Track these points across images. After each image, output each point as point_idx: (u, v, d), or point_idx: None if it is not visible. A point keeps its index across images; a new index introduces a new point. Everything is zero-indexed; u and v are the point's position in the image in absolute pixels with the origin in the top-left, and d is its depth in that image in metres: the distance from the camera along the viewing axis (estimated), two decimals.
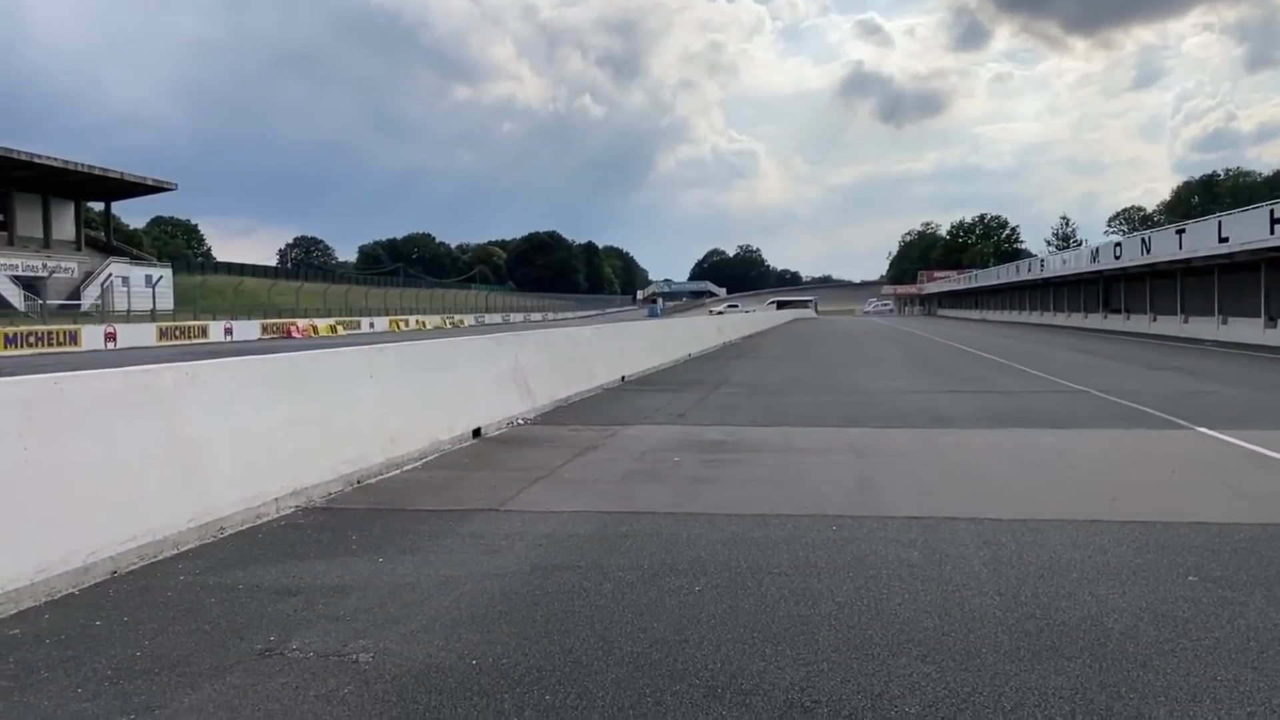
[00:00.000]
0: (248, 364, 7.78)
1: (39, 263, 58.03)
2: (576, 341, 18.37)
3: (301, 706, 3.71)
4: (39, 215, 62.55)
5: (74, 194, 65.08)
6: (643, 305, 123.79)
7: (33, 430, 5.36)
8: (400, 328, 71.93)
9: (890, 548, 6.05)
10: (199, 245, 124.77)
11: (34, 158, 55.90)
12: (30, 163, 55.99)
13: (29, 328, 42.38)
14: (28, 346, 39.92)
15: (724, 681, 3.93)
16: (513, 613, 4.86)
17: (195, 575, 5.57)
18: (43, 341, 41.04)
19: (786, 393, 16.60)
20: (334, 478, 8.00)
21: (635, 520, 6.93)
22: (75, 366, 6.83)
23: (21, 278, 55.45)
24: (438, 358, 11.64)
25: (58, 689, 3.92)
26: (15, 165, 55.81)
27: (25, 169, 56.76)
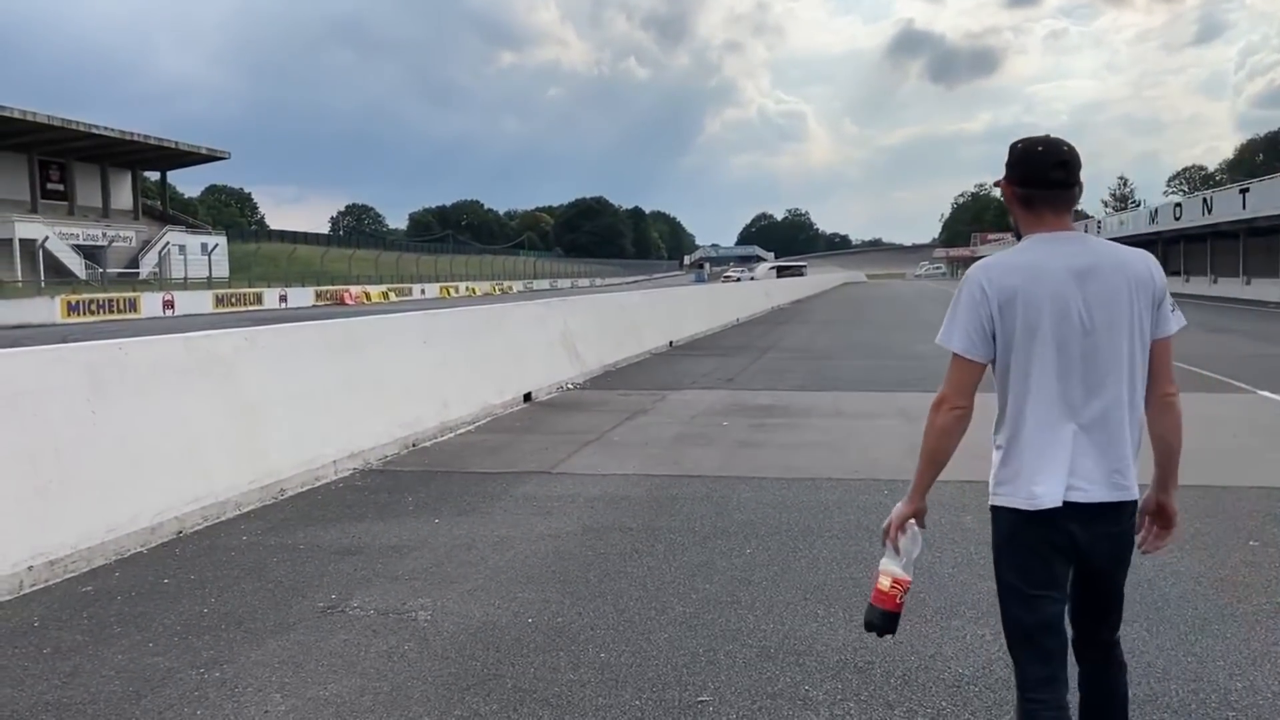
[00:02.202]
0: (305, 329, 7.92)
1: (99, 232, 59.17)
2: (624, 307, 18.41)
3: (364, 662, 3.81)
4: (98, 185, 63.73)
5: (131, 164, 66.16)
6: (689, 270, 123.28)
7: (100, 394, 5.52)
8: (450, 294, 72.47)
9: (943, 511, 6.01)
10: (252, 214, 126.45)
11: (92, 128, 56.86)
12: (89, 134, 56.97)
13: (90, 295, 43.36)
14: (89, 314, 40.86)
15: (776, 642, 3.97)
16: (566, 573, 4.93)
17: (258, 535, 5.72)
18: (103, 309, 41.98)
19: (836, 357, 16.51)
20: (390, 440, 8.14)
21: (685, 483, 6.97)
22: (136, 333, 7.00)
23: (82, 246, 56.60)
24: (489, 323, 11.76)
25: (129, 644, 4.07)
26: (75, 136, 56.83)
27: (84, 140, 57.78)
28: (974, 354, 2.37)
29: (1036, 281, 2.32)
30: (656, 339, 18.17)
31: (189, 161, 69.74)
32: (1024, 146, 2.40)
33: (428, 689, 3.55)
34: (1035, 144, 2.39)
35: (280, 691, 3.54)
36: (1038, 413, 2.36)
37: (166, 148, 63.50)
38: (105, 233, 59.23)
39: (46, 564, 4.85)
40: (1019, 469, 2.40)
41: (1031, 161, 2.37)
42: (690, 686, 3.55)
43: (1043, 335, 2.32)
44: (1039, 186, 2.37)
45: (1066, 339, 2.32)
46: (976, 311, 2.35)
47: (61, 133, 55.53)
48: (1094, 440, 2.37)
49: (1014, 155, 2.41)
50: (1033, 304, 2.31)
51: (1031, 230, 2.41)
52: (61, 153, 59.28)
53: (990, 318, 2.34)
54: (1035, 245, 2.38)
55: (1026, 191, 2.38)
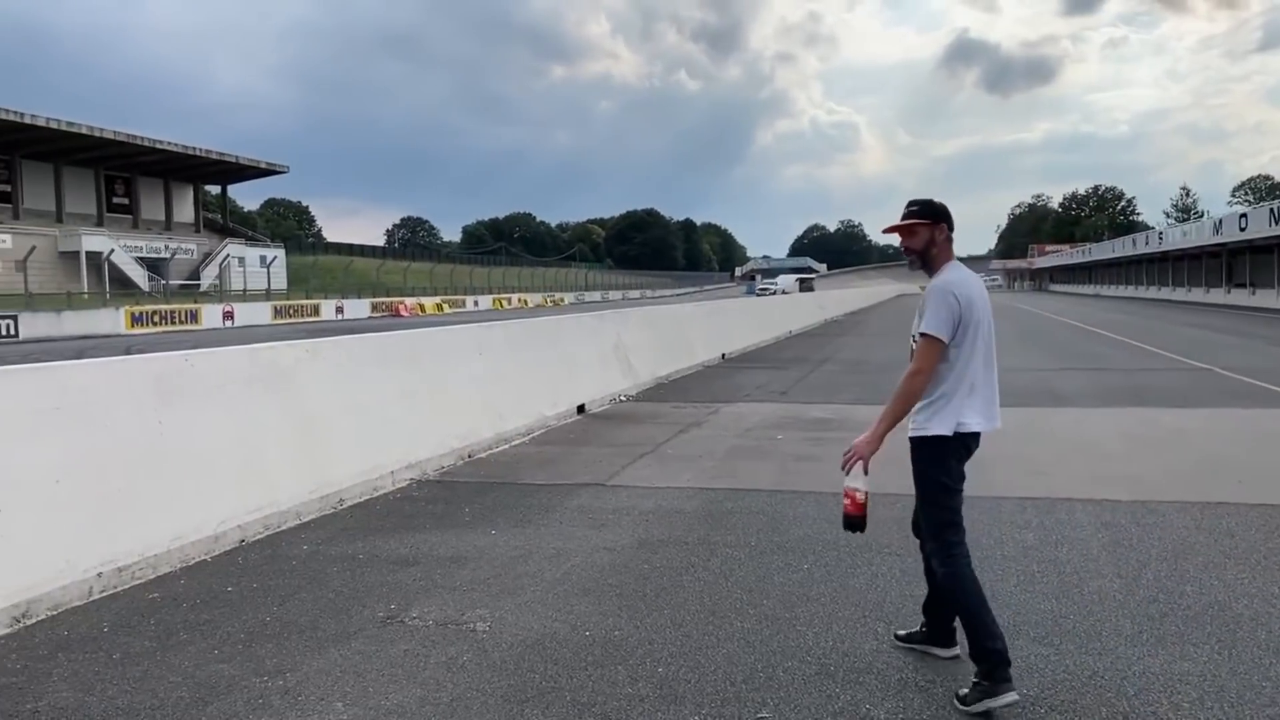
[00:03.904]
0: (364, 341, 8.03)
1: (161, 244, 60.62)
2: (677, 319, 18.40)
3: (423, 672, 3.83)
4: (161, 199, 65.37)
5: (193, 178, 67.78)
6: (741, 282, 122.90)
7: (167, 404, 5.65)
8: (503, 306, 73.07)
9: (1004, 529, 5.93)
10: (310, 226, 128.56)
11: (157, 143, 58.36)
12: (153, 148, 58.50)
13: (153, 306, 44.43)
14: (152, 324, 41.85)
15: (836, 660, 3.92)
16: (622, 586, 4.93)
17: (318, 545, 5.80)
18: (166, 320, 42.98)
19: (892, 370, 16.29)
20: (446, 451, 8.21)
21: (740, 497, 6.94)
22: (197, 344, 7.14)
23: (145, 259, 58.03)
24: (543, 335, 11.82)
25: (196, 650, 4.14)
26: (140, 151, 58.38)
27: (149, 154, 59.33)
28: (947, 339, 3.54)
29: (974, 293, 3.61)
30: (709, 351, 18.13)
31: (248, 175, 71.25)
32: (944, 206, 3.73)
33: (487, 700, 3.57)
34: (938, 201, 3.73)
35: (342, 700, 3.58)
36: (972, 376, 3.60)
37: (227, 162, 64.95)
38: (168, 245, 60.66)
39: (115, 571, 4.96)
40: (959, 409, 3.60)
41: (951, 215, 3.73)
42: (750, 703, 3.52)
43: (975, 328, 3.59)
44: (952, 230, 3.75)
45: (986, 332, 3.64)
46: (953, 312, 3.54)
47: (127, 148, 57.09)
48: (991, 395, 3.70)
49: (945, 210, 3.72)
50: (975, 308, 3.59)
51: (948, 260, 3.71)
52: (127, 167, 60.94)
53: (960, 316, 3.55)
54: (959, 269, 3.69)
55: (951, 234, 3.73)
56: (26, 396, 4.91)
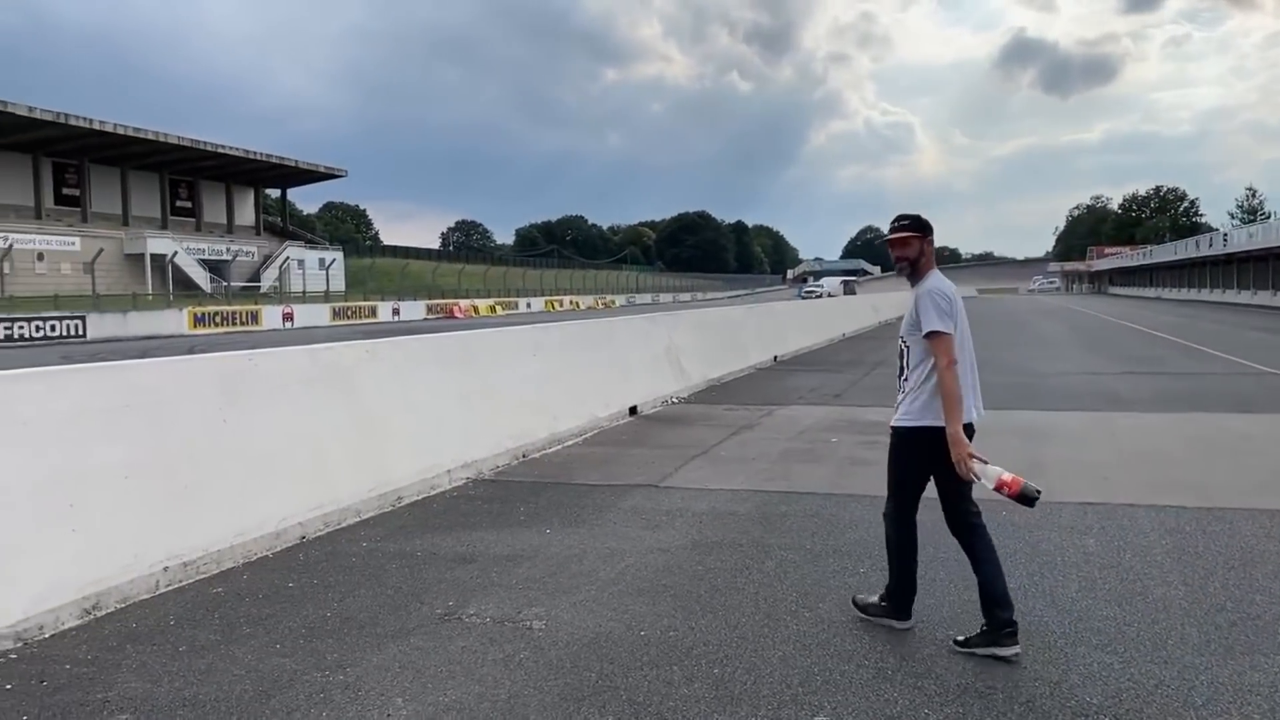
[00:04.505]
0: (421, 342, 8.13)
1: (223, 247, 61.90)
2: (728, 321, 18.36)
3: (481, 669, 3.87)
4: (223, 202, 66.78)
5: (254, 181, 69.13)
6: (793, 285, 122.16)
7: (232, 403, 5.76)
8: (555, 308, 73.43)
9: (1065, 534, 5.83)
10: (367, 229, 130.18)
11: (219, 148, 59.62)
12: (215, 153, 59.79)
13: (215, 308, 45.36)
14: (214, 325, 42.73)
15: (894, 664, 3.89)
16: (677, 587, 4.93)
17: (376, 542, 5.88)
18: (227, 321, 43.85)
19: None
20: (501, 451, 8.28)
21: (794, 500, 6.90)
22: (257, 344, 7.28)
23: (207, 261, 59.30)
24: (596, 337, 11.87)
25: (258, 644, 4.22)
26: (202, 156, 59.70)
27: (211, 159, 60.66)
28: (952, 332, 4.04)
29: (956, 297, 4.15)
30: (761, 353, 18.06)
31: (307, 179, 72.46)
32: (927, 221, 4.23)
33: (544, 699, 3.59)
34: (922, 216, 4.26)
35: (402, 696, 3.63)
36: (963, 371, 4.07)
37: (287, 166, 66.14)
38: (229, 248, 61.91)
39: (180, 565, 5.08)
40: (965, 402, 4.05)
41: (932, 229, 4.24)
42: (807, 706, 3.51)
43: (960, 327, 4.14)
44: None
45: (965, 331, 4.19)
46: (951, 310, 4.08)
47: (190, 152, 58.41)
48: (972, 389, 4.18)
49: (929, 224, 4.23)
50: (958, 310, 4.15)
51: (931, 268, 4.22)
52: (190, 171, 62.35)
53: (952, 313, 4.08)
54: (940, 277, 4.21)
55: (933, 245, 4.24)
56: (97, 394, 5.05)
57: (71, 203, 55.85)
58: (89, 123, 50.96)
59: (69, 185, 56.04)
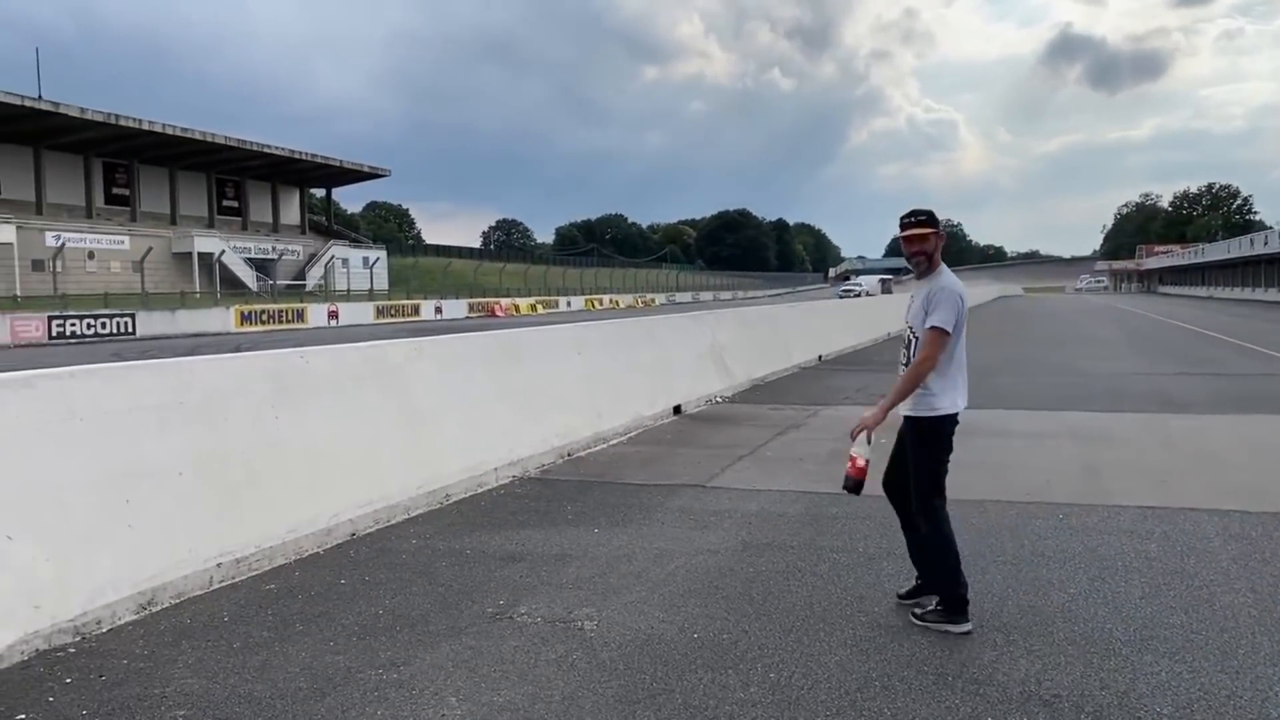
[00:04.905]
0: (468, 340, 8.14)
1: (269, 245, 62.69)
2: (772, 320, 18.24)
3: (535, 670, 3.84)
4: (269, 201, 67.61)
5: (299, 181, 69.91)
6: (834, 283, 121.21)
7: (284, 400, 5.79)
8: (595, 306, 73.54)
9: (1125, 539, 5.69)
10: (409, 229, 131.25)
11: (265, 148, 60.35)
12: (261, 153, 60.52)
13: (261, 306, 45.93)
14: (260, 323, 43.27)
15: (954, 670, 3.81)
16: (729, 589, 4.88)
17: (426, 539, 5.88)
18: (273, 319, 44.39)
19: (997, 374, 15.89)
20: (546, 449, 8.26)
21: (845, 502, 6.74)
22: (302, 343, 7.32)
23: (254, 260, 60.05)
24: (640, 335, 11.83)
25: (312, 642, 4.22)
26: (249, 156, 60.48)
27: (257, 159, 61.43)
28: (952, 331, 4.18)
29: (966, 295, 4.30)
30: (805, 353, 17.91)
31: (351, 179, 73.14)
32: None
33: (599, 701, 3.55)
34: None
35: (456, 695, 3.60)
36: (959, 364, 4.28)
37: (331, 166, 66.82)
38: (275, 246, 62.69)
39: (233, 561, 5.10)
40: (955, 395, 4.28)
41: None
42: (867, 712, 3.44)
43: (963, 324, 4.26)
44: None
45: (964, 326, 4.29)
46: (958, 310, 4.22)
47: (237, 152, 59.18)
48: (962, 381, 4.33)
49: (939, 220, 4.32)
50: (965, 306, 4.29)
51: (941, 263, 4.34)
52: (237, 171, 63.20)
53: (960, 314, 4.24)
54: (951, 274, 4.36)
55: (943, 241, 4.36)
56: (152, 391, 5.08)
57: (121, 202, 56.82)
58: (138, 123, 51.80)
59: (119, 185, 57.02)
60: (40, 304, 39.29)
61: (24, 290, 44.68)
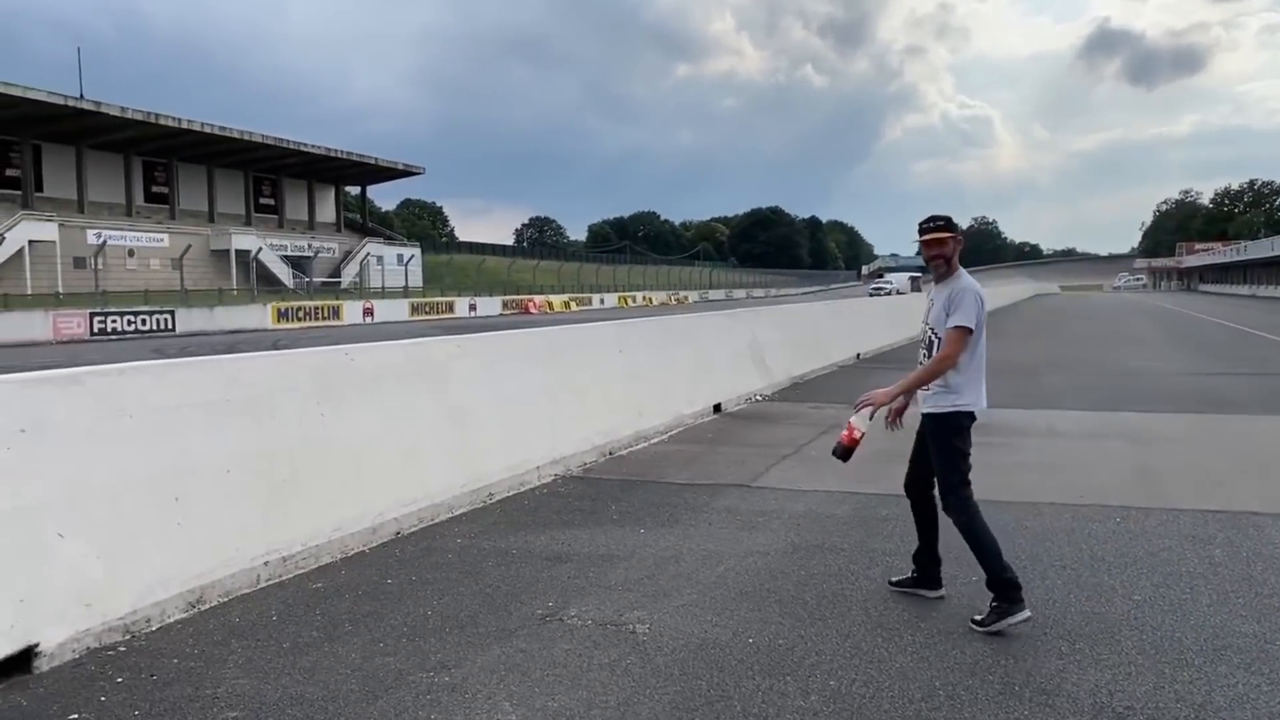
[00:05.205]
0: (510, 338, 8.09)
1: (305, 243, 63.18)
2: (811, 317, 18.09)
3: (588, 675, 3.77)
4: (304, 199, 68.17)
5: (334, 179, 70.43)
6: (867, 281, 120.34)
7: (329, 398, 5.76)
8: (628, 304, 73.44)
9: (1186, 543, 5.53)
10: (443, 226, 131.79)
11: (301, 146, 60.82)
12: (298, 151, 61.01)
13: (297, 303, 46.28)
14: (296, 320, 43.58)
15: (1020, 679, 3.69)
16: (781, 592, 4.78)
17: (471, 539, 5.83)
18: (309, 316, 44.69)
19: (1041, 373, 15.66)
20: (588, 448, 8.20)
21: (894, 503, 6.64)
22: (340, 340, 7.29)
23: (290, 257, 60.57)
24: (680, 333, 11.75)
25: (361, 642, 4.17)
26: (285, 154, 60.99)
27: (293, 157, 61.92)
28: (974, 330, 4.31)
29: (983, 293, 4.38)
30: (843, 351, 17.74)
31: (386, 176, 73.56)
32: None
33: (655, 707, 3.47)
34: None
35: (509, 700, 3.54)
36: (979, 364, 4.40)
37: (366, 163, 67.23)
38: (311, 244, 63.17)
39: (280, 560, 5.07)
40: (976, 392, 4.39)
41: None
42: None
43: (983, 324, 4.37)
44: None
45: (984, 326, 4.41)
46: (980, 308, 4.34)
47: (274, 151, 59.72)
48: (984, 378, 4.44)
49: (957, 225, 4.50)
50: (985, 306, 4.39)
51: (959, 266, 4.47)
52: (273, 169, 63.77)
53: (981, 314, 4.35)
54: (968, 275, 4.46)
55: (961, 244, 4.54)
56: (199, 389, 5.06)
57: (160, 200, 57.51)
58: (177, 122, 52.38)
59: (158, 183, 57.71)
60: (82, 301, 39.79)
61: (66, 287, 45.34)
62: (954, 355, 4.29)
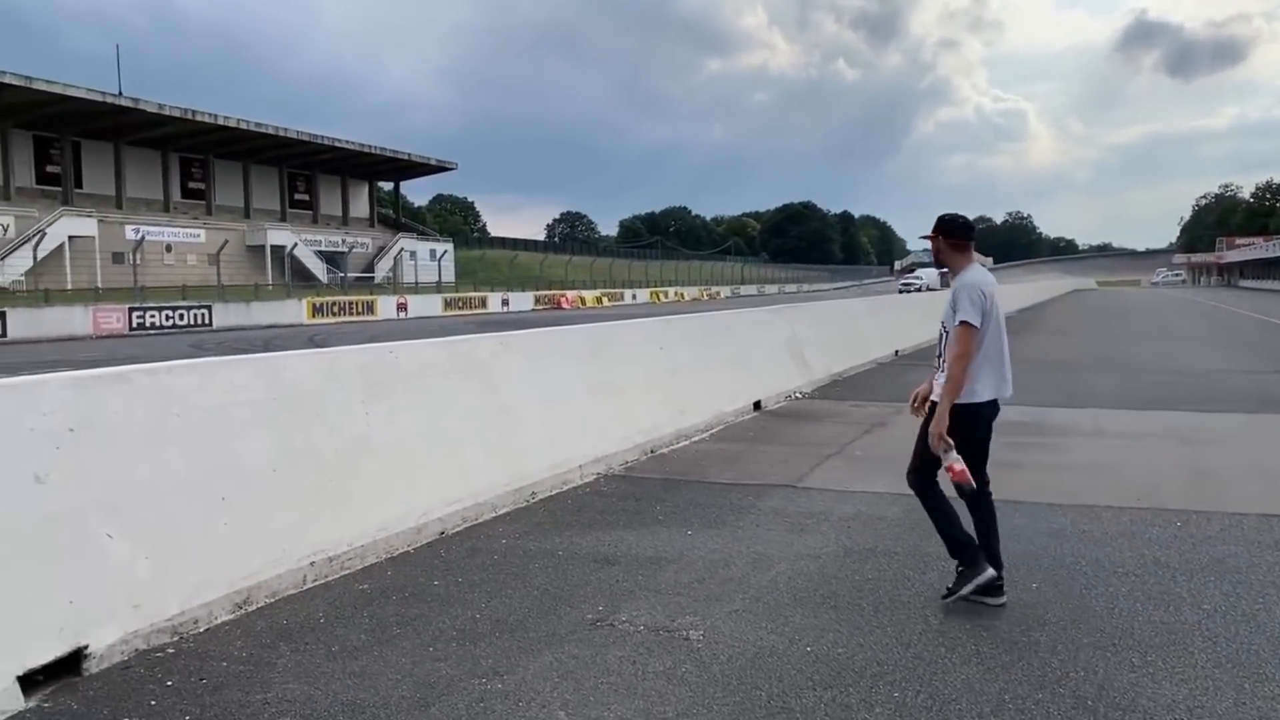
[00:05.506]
0: (551, 334, 8.01)
1: (339, 238, 63.56)
2: (849, 313, 17.90)
3: (643, 683, 3.67)
4: (338, 195, 68.58)
5: (368, 175, 70.78)
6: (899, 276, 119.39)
7: (373, 396, 5.71)
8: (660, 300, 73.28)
9: (1252, 549, 5.35)
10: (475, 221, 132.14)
11: (335, 142, 61.19)
12: (332, 147, 61.37)
13: (332, 298, 46.59)
14: (331, 315, 43.85)
15: (1091, 691, 3.55)
16: (836, 597, 4.67)
17: (516, 539, 5.75)
18: (344, 311, 44.95)
19: (1082, 370, 15.39)
20: (630, 446, 8.11)
21: None
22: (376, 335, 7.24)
23: (324, 252, 60.97)
24: (720, 329, 11.63)
25: (410, 646, 4.11)
26: (320, 150, 61.37)
27: (327, 152, 62.29)
28: (979, 324, 4.38)
29: (993, 289, 4.48)
30: (882, 348, 17.53)
31: (419, 172, 73.86)
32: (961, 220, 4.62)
33: (714, 718, 3.37)
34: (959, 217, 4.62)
35: (564, 709, 3.45)
36: (991, 356, 4.48)
37: (400, 159, 67.52)
38: (345, 239, 63.53)
39: (326, 560, 5.02)
40: (986, 383, 4.47)
41: (967, 227, 4.62)
42: None
43: (995, 317, 4.46)
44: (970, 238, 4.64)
45: (1000, 321, 4.50)
46: (982, 304, 4.39)
47: (308, 147, 60.10)
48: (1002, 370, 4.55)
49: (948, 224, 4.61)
50: (994, 301, 4.47)
51: (966, 263, 4.58)
52: (308, 165, 64.19)
53: (984, 307, 4.40)
54: (976, 271, 4.56)
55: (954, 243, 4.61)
56: (246, 387, 5.02)
57: (197, 196, 58.06)
58: (213, 118, 52.83)
59: (194, 179, 58.26)
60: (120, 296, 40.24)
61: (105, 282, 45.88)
62: (965, 352, 4.37)
